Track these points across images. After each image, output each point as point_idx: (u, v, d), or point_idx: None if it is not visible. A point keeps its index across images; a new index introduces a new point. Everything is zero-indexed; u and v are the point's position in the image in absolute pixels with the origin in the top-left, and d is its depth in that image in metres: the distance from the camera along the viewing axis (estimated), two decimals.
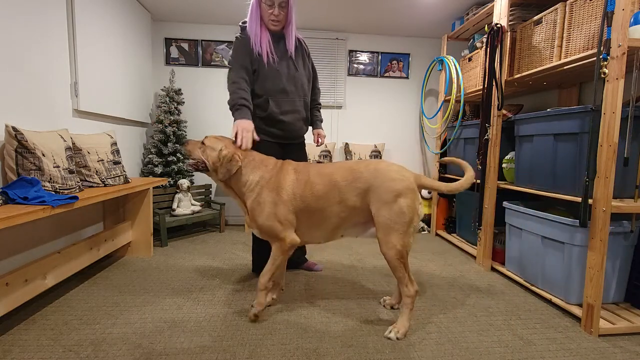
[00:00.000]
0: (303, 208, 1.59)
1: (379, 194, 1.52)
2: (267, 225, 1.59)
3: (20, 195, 1.47)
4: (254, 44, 1.84)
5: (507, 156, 2.37)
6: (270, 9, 1.82)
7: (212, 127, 3.59)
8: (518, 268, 2.15)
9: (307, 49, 2.06)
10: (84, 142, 2.07)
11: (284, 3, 1.82)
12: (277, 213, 1.58)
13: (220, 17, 3.32)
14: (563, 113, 1.81)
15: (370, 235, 1.65)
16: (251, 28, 1.85)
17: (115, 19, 2.63)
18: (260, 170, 1.64)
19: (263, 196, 1.60)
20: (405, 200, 1.51)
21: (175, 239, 3.01)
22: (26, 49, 1.79)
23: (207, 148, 1.67)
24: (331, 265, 2.43)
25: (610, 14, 1.50)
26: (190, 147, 1.71)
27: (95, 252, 2.08)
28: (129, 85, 2.86)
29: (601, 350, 1.48)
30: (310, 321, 1.66)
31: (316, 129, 2.19)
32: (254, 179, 1.62)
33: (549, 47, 1.98)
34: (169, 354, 1.37)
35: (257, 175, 1.63)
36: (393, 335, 1.52)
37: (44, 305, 1.74)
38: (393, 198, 1.50)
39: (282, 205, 1.58)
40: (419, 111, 3.84)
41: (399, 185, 1.51)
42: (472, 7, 2.91)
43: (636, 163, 1.68)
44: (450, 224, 3.34)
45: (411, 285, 1.55)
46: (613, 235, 1.71)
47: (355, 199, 1.56)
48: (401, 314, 1.56)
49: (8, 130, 1.59)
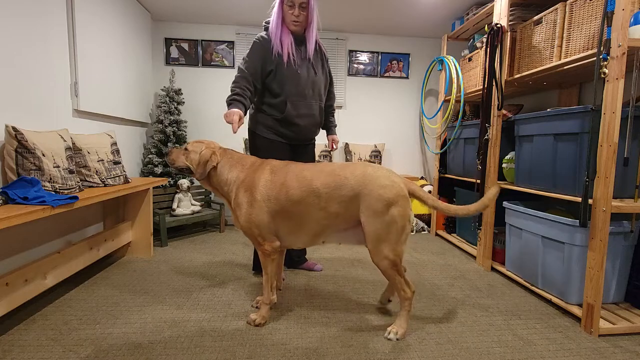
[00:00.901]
0: (279, 211, 1.52)
1: (368, 203, 1.44)
2: (246, 227, 1.56)
3: (20, 195, 1.47)
4: (275, 44, 1.86)
5: (507, 156, 2.36)
6: (291, 10, 1.83)
7: (212, 127, 3.59)
8: (518, 268, 2.15)
9: (326, 54, 2.08)
10: (84, 142, 2.07)
11: (304, 4, 1.83)
12: (251, 214, 1.53)
13: (220, 17, 3.32)
14: (563, 113, 1.81)
15: (356, 242, 1.59)
16: (273, 28, 1.87)
17: (115, 19, 2.63)
18: (236, 169, 1.62)
19: (240, 197, 1.56)
20: (397, 208, 1.43)
21: (175, 239, 3.01)
22: (26, 49, 1.79)
23: (191, 152, 1.66)
24: (331, 265, 2.43)
25: (610, 14, 1.50)
26: (173, 156, 1.71)
27: (95, 252, 2.08)
28: (129, 85, 2.86)
29: (601, 350, 1.48)
30: (310, 321, 1.66)
31: (330, 134, 2.22)
32: (231, 177, 1.61)
33: (549, 47, 1.98)
34: (169, 354, 1.37)
35: (234, 175, 1.61)
36: (392, 336, 1.51)
37: (44, 305, 1.74)
38: (384, 207, 1.42)
39: (257, 206, 1.52)
40: (419, 111, 3.84)
41: (390, 193, 1.43)
42: (472, 7, 2.91)
43: (636, 163, 1.68)
44: (450, 224, 3.34)
45: (407, 287, 1.53)
46: (613, 235, 1.71)
47: (339, 207, 1.48)
48: (400, 316, 1.56)
49: (8, 130, 1.59)
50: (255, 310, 1.74)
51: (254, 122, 2.00)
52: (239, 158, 1.66)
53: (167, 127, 3.07)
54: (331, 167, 1.54)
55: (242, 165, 1.62)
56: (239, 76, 1.84)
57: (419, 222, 3.47)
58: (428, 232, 3.48)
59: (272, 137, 1.96)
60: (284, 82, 1.88)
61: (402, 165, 3.89)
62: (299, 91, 1.90)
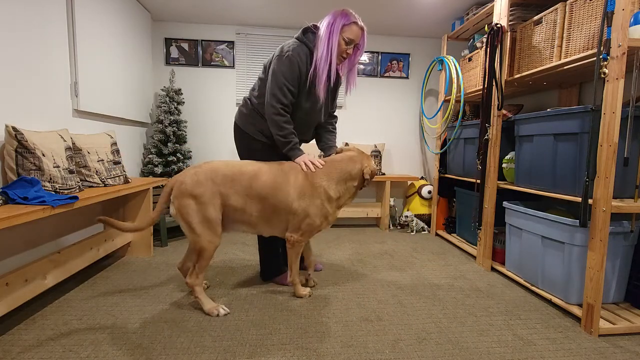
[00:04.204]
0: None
1: None
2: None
3: (20, 195, 1.47)
4: (316, 67, 1.73)
5: (507, 156, 2.36)
6: (347, 46, 1.75)
7: (212, 127, 3.59)
8: (518, 268, 2.15)
9: (341, 79, 1.98)
10: (84, 142, 2.07)
11: (359, 46, 1.79)
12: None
13: (220, 17, 3.32)
14: (563, 113, 1.81)
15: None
16: (321, 59, 1.71)
17: (115, 19, 2.63)
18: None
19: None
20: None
21: (175, 239, 3.01)
22: (26, 49, 1.79)
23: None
24: (331, 265, 2.43)
25: (610, 14, 1.50)
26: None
27: (95, 252, 2.08)
28: (129, 85, 2.86)
29: (601, 350, 1.48)
30: (310, 321, 1.66)
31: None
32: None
33: (549, 47, 1.98)
34: (169, 354, 1.37)
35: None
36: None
37: (44, 305, 1.74)
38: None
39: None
40: (419, 111, 3.84)
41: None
42: (472, 7, 2.91)
43: (636, 163, 1.68)
44: (450, 224, 3.34)
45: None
46: (613, 235, 1.71)
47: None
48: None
49: (8, 130, 1.59)
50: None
51: (250, 125, 1.89)
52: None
53: (167, 127, 3.07)
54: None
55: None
56: (286, 119, 1.75)
57: (419, 222, 3.47)
58: (428, 232, 3.48)
59: (267, 141, 1.90)
60: (299, 108, 1.82)
61: (402, 165, 3.90)
62: (308, 120, 1.88)
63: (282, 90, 1.72)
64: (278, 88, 1.72)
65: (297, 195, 1.71)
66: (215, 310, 1.69)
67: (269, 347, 1.44)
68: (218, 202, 1.66)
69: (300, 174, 1.75)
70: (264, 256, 2.08)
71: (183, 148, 3.21)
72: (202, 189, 1.63)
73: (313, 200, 1.72)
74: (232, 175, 1.68)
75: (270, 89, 1.74)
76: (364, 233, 3.39)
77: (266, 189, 1.69)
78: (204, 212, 1.63)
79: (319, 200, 1.73)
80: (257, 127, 1.89)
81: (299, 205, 1.71)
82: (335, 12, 1.75)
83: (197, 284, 1.70)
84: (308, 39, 1.79)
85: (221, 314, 1.68)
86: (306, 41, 1.78)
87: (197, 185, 1.63)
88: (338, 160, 1.80)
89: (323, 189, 1.74)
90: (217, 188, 1.66)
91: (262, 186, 1.69)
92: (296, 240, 1.76)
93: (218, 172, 1.68)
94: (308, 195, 1.72)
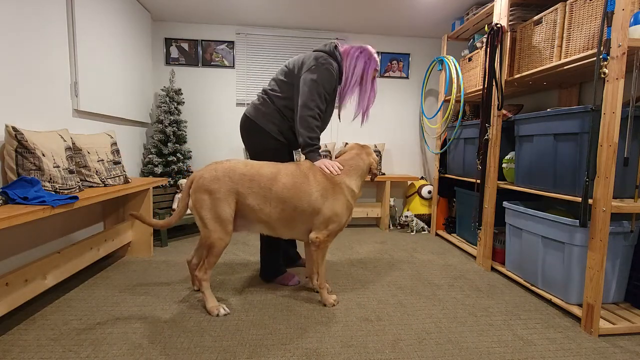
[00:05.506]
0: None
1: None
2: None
3: (20, 195, 1.47)
4: (342, 94, 1.96)
5: (507, 156, 2.37)
6: (373, 75, 1.97)
7: (212, 127, 3.59)
8: (518, 268, 2.15)
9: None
10: (84, 142, 2.07)
11: (377, 75, 2.04)
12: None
13: (220, 17, 3.32)
14: (563, 113, 1.81)
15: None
16: (352, 81, 1.93)
17: (115, 19, 2.63)
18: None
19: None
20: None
21: (175, 239, 3.01)
22: (26, 49, 1.79)
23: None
24: (331, 265, 2.43)
25: (610, 14, 1.50)
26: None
27: (95, 252, 2.08)
28: (129, 85, 2.86)
29: (601, 350, 1.48)
30: (310, 321, 1.66)
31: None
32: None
33: (549, 47, 1.98)
34: (169, 354, 1.37)
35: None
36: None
37: (44, 305, 1.74)
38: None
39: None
40: (419, 111, 3.84)
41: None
42: (472, 7, 2.91)
43: (636, 163, 1.68)
44: (450, 224, 3.34)
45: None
46: (613, 235, 1.71)
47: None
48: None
49: (8, 130, 1.59)
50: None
51: (271, 124, 1.94)
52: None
53: (167, 127, 3.07)
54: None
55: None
56: (319, 124, 1.86)
57: (419, 222, 3.47)
58: (428, 232, 3.48)
59: (285, 142, 1.99)
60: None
61: (402, 165, 3.90)
62: (323, 126, 1.97)
63: (322, 97, 1.84)
64: (318, 95, 1.82)
65: (320, 194, 1.72)
66: (215, 310, 1.69)
67: (269, 347, 1.44)
68: (233, 200, 1.67)
69: (319, 172, 1.76)
70: (265, 256, 2.08)
71: (183, 148, 3.21)
72: (218, 184, 1.65)
73: (337, 197, 1.74)
74: (250, 175, 1.69)
75: (309, 94, 1.82)
76: (364, 233, 3.39)
77: (286, 191, 1.69)
78: (217, 208, 1.64)
79: (342, 196, 1.75)
80: (278, 127, 1.95)
81: (323, 204, 1.72)
82: (367, 53, 1.93)
83: (204, 279, 1.71)
84: (336, 58, 1.94)
85: (221, 314, 1.68)
86: (338, 58, 1.94)
87: (214, 181, 1.65)
88: (348, 158, 1.84)
89: (345, 184, 1.76)
90: (234, 186, 1.67)
91: (282, 188, 1.69)
92: (322, 240, 1.74)
93: (236, 171, 1.69)
94: (331, 193, 1.73)
